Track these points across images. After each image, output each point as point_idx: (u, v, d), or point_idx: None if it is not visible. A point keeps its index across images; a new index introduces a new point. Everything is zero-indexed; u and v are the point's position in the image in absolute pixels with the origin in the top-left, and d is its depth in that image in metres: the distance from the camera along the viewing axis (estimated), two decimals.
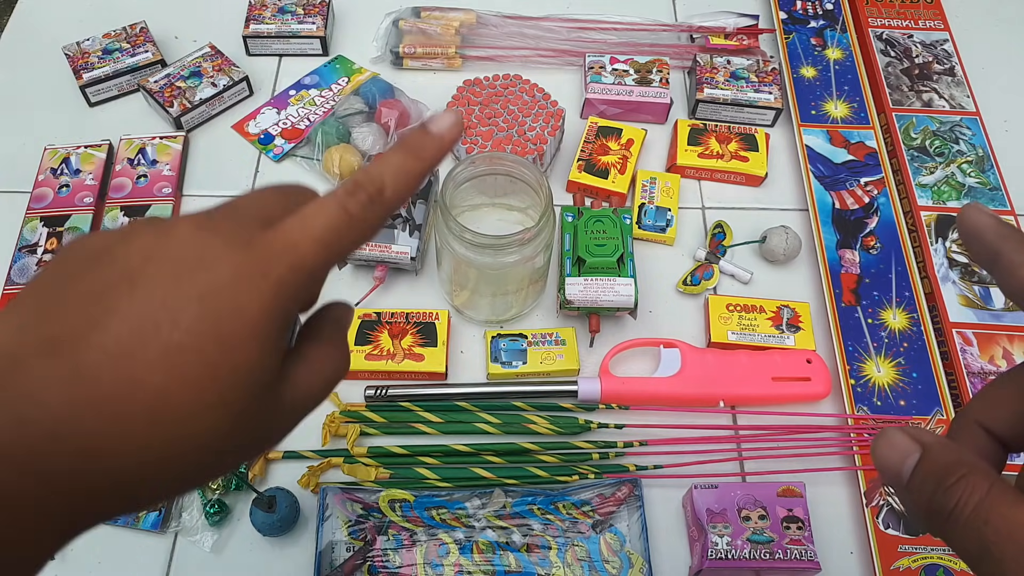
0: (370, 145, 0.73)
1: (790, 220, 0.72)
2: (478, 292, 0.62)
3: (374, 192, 0.24)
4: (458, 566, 0.53)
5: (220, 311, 0.21)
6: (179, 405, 0.20)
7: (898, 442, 0.24)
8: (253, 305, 0.22)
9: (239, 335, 0.21)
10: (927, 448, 0.23)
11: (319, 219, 0.23)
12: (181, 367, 0.20)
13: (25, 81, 0.81)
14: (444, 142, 0.27)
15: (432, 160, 0.26)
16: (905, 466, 0.23)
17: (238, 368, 0.21)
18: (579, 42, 0.84)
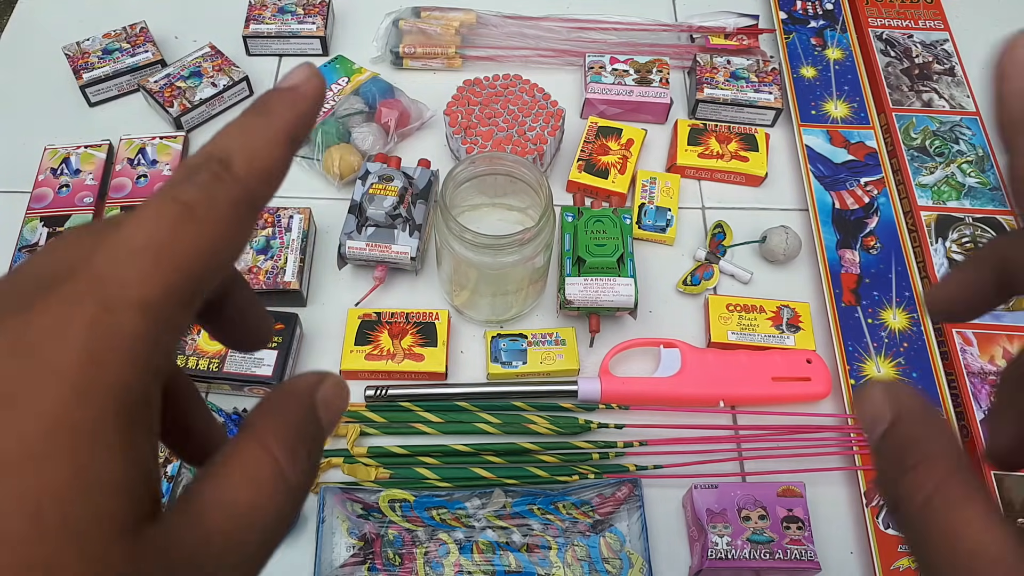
0: (370, 145, 0.73)
1: (790, 220, 0.72)
2: (478, 292, 0.62)
3: (217, 168, 0.17)
4: (458, 566, 0.53)
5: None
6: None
7: (875, 400, 0.21)
8: (38, 406, 0.14)
9: (24, 457, 0.14)
10: (897, 416, 0.21)
11: (139, 227, 0.16)
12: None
13: (25, 81, 0.81)
14: (297, 95, 0.21)
15: (285, 116, 0.20)
16: (875, 432, 0.21)
17: (32, 514, 0.13)
18: (579, 42, 0.84)
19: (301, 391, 0.20)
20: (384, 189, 0.65)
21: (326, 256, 0.70)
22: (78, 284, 0.15)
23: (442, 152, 0.77)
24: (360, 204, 0.65)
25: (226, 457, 0.18)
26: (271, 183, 0.19)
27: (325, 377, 0.20)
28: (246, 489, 0.17)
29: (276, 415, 0.19)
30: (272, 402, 0.19)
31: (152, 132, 0.76)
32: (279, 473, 0.18)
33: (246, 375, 0.59)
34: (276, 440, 0.18)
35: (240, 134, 0.19)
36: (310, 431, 0.19)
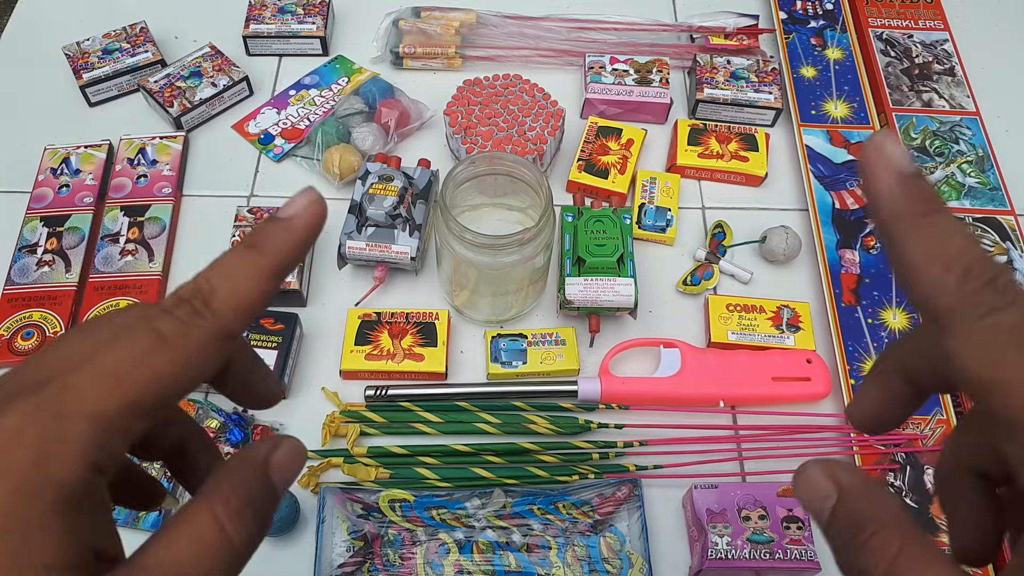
0: (370, 145, 0.73)
1: (790, 220, 0.73)
2: (478, 292, 0.62)
3: (199, 303, 0.20)
4: (458, 566, 0.53)
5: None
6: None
7: (815, 481, 0.22)
8: (1, 481, 0.17)
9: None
10: (843, 492, 0.21)
11: (117, 350, 0.19)
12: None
13: (25, 81, 0.81)
14: (293, 227, 0.22)
15: (278, 252, 0.21)
16: (823, 509, 0.21)
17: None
18: (579, 42, 0.84)
19: (256, 457, 0.22)
20: (384, 189, 0.65)
21: (326, 256, 0.70)
22: (45, 394, 0.18)
23: (442, 152, 0.77)
24: (360, 204, 0.65)
25: (177, 519, 0.20)
26: (251, 315, 0.21)
27: (281, 442, 0.23)
28: (191, 549, 0.19)
29: (228, 481, 0.21)
30: (228, 468, 0.22)
31: (152, 132, 0.76)
32: (223, 536, 0.20)
33: None
34: (224, 505, 0.20)
35: (229, 271, 0.21)
36: (260, 495, 0.21)
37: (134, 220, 0.70)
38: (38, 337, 0.63)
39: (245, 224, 0.67)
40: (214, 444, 0.26)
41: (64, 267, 0.67)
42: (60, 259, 0.67)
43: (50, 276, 0.66)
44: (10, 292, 0.65)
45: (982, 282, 0.19)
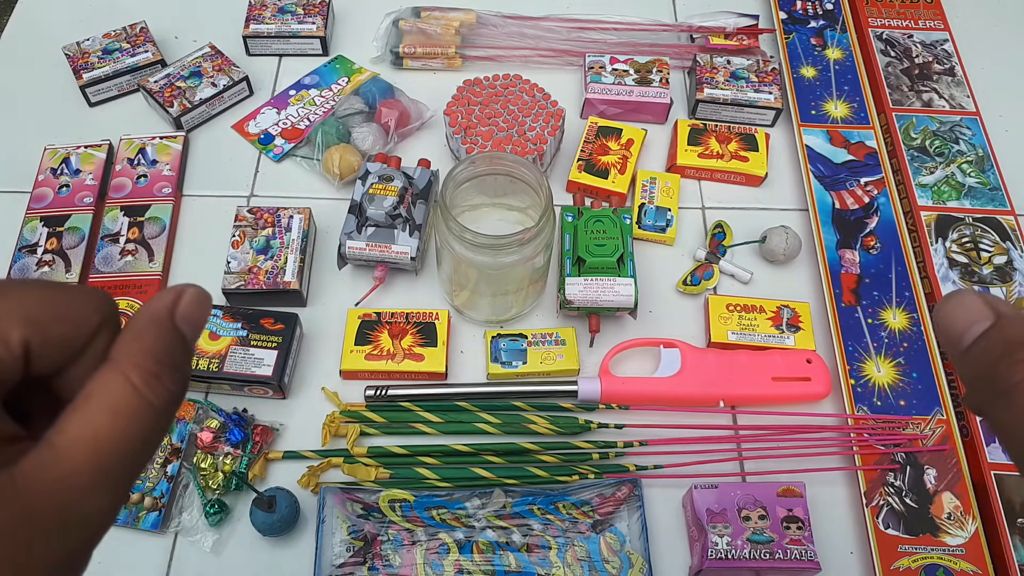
0: (370, 145, 0.73)
1: (790, 220, 0.72)
2: (478, 292, 0.62)
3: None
4: (458, 566, 0.53)
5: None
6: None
7: (971, 305, 0.22)
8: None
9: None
10: (1001, 317, 0.22)
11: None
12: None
13: (25, 81, 0.81)
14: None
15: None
16: (972, 331, 0.22)
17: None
18: (579, 42, 0.84)
19: (160, 313, 0.21)
20: (384, 189, 0.65)
21: (326, 256, 0.70)
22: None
23: (442, 152, 0.77)
24: (360, 204, 0.65)
25: (87, 391, 0.19)
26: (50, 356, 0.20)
27: (183, 291, 0.21)
28: (108, 419, 0.18)
29: (136, 343, 0.20)
30: (132, 330, 0.20)
31: (152, 132, 0.76)
32: (140, 398, 0.19)
33: (246, 375, 0.59)
34: (137, 368, 0.19)
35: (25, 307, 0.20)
36: (173, 351, 0.20)
37: (134, 220, 0.70)
38: None
39: (245, 224, 0.67)
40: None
41: (64, 267, 0.67)
42: (60, 259, 0.67)
43: (50, 276, 0.66)
44: None
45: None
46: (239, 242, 0.66)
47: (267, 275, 0.65)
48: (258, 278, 0.65)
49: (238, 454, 0.58)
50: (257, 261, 0.65)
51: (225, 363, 0.60)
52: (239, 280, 0.64)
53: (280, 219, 0.68)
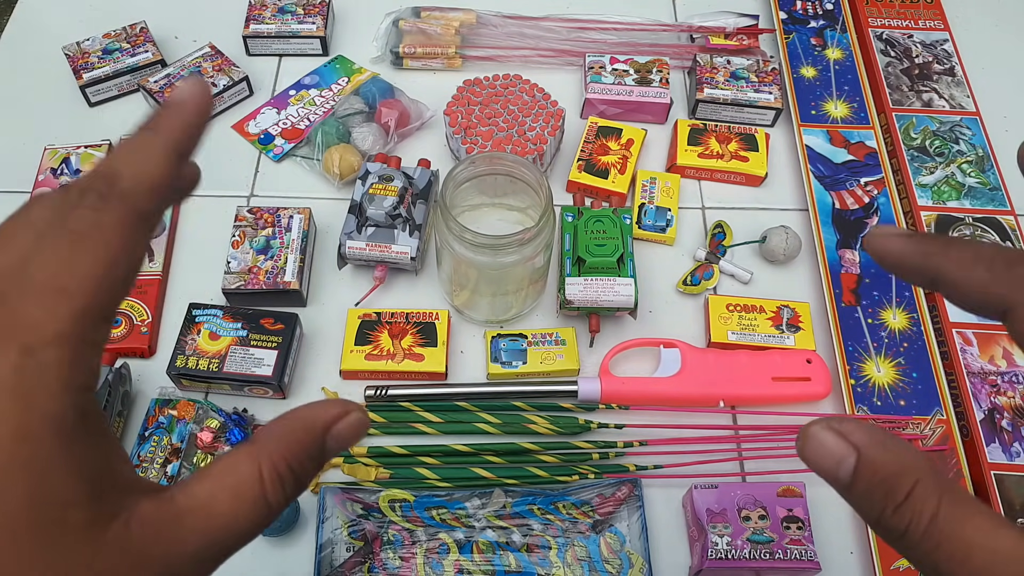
0: (370, 145, 0.73)
1: (790, 220, 0.72)
2: (478, 292, 0.62)
3: (104, 187, 0.19)
4: (458, 566, 0.53)
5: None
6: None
7: (827, 444, 0.20)
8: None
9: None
10: (862, 452, 0.20)
11: (41, 265, 0.18)
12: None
13: (25, 81, 0.81)
14: (184, 108, 0.21)
15: (172, 130, 0.21)
16: (842, 470, 0.20)
17: (4, 532, 0.16)
18: (579, 42, 0.84)
19: (318, 423, 0.21)
20: (384, 189, 0.65)
21: (326, 256, 0.70)
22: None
23: (442, 152, 0.77)
24: (360, 204, 0.65)
25: (223, 464, 0.20)
26: (158, 195, 0.20)
27: (348, 413, 0.22)
28: (228, 499, 0.19)
29: (282, 440, 0.21)
30: (285, 425, 0.21)
31: None
32: (262, 494, 0.20)
33: (246, 375, 0.59)
34: (270, 465, 0.20)
35: (129, 153, 0.20)
36: (309, 460, 0.21)
37: None
38: None
39: (245, 224, 0.67)
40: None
41: None
42: None
43: None
44: None
45: (1015, 263, 0.22)
46: (239, 242, 0.66)
47: (267, 275, 0.65)
48: (258, 278, 0.65)
49: None
50: (257, 261, 0.65)
51: (225, 363, 0.60)
52: (239, 280, 0.64)
53: (280, 219, 0.68)
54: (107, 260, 0.18)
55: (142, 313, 0.64)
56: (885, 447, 0.20)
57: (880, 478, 0.20)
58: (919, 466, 0.20)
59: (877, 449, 0.20)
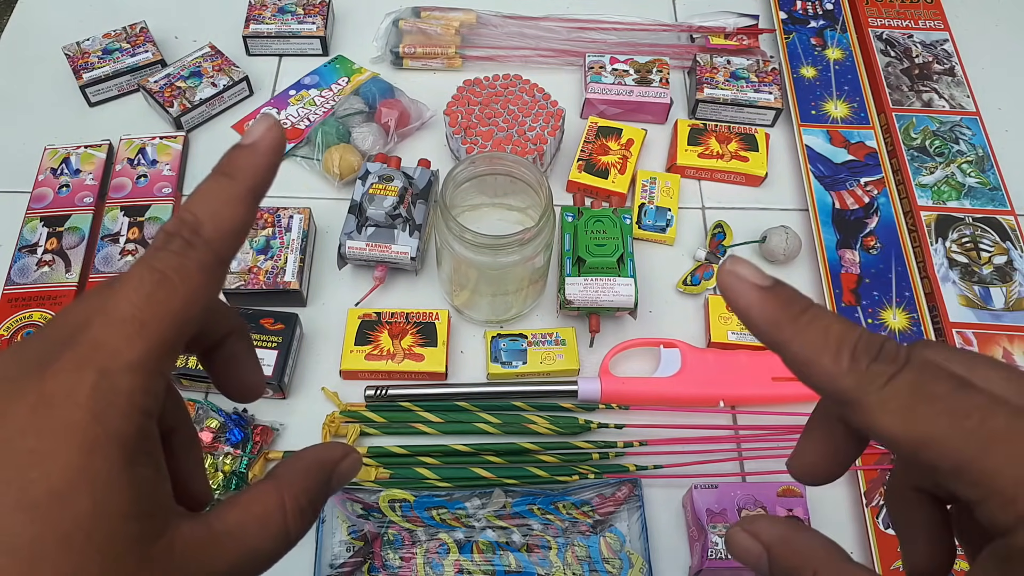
0: (370, 145, 0.73)
1: (790, 220, 0.72)
2: (478, 292, 0.62)
3: (188, 234, 0.21)
4: (458, 566, 0.53)
5: (18, 478, 0.18)
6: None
7: (743, 544, 0.23)
8: (61, 454, 0.18)
9: (53, 495, 0.18)
10: (769, 549, 0.23)
11: (127, 297, 0.20)
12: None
13: (25, 81, 0.81)
14: (259, 152, 0.22)
15: (249, 176, 0.22)
16: (762, 566, 0.23)
17: (63, 539, 0.18)
18: (579, 42, 0.84)
19: (325, 462, 0.24)
20: (384, 189, 0.65)
21: (326, 256, 0.70)
22: (80, 351, 0.19)
23: (442, 152, 0.77)
24: (360, 204, 0.65)
25: (251, 496, 0.22)
26: (237, 240, 0.22)
27: (348, 453, 0.25)
28: (257, 529, 0.22)
29: (299, 478, 0.23)
30: (300, 463, 0.24)
31: (152, 132, 0.76)
32: (284, 524, 0.22)
33: None
34: (293, 499, 0.22)
35: (208, 198, 0.21)
36: (321, 495, 0.24)
37: (134, 220, 0.70)
38: None
39: None
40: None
41: (64, 267, 0.67)
42: (60, 259, 0.67)
43: (50, 276, 0.66)
44: (10, 292, 0.65)
45: (870, 356, 0.20)
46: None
47: (267, 275, 0.65)
48: (258, 278, 0.65)
49: (238, 454, 0.58)
50: (257, 261, 0.65)
51: None
52: (239, 280, 0.64)
53: (280, 219, 0.68)
54: (184, 300, 0.20)
55: None
56: (786, 543, 0.23)
57: (783, 573, 0.22)
58: (815, 559, 0.22)
59: (779, 546, 0.23)
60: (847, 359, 0.20)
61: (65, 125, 0.78)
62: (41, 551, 0.17)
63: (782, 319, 0.21)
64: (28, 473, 0.18)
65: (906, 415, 0.19)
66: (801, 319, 0.21)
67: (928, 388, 0.19)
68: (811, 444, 0.24)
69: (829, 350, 0.20)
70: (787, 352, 0.21)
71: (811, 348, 0.21)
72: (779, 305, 0.22)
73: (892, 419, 0.19)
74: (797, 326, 0.21)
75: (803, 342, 0.21)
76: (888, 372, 0.20)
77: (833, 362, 0.20)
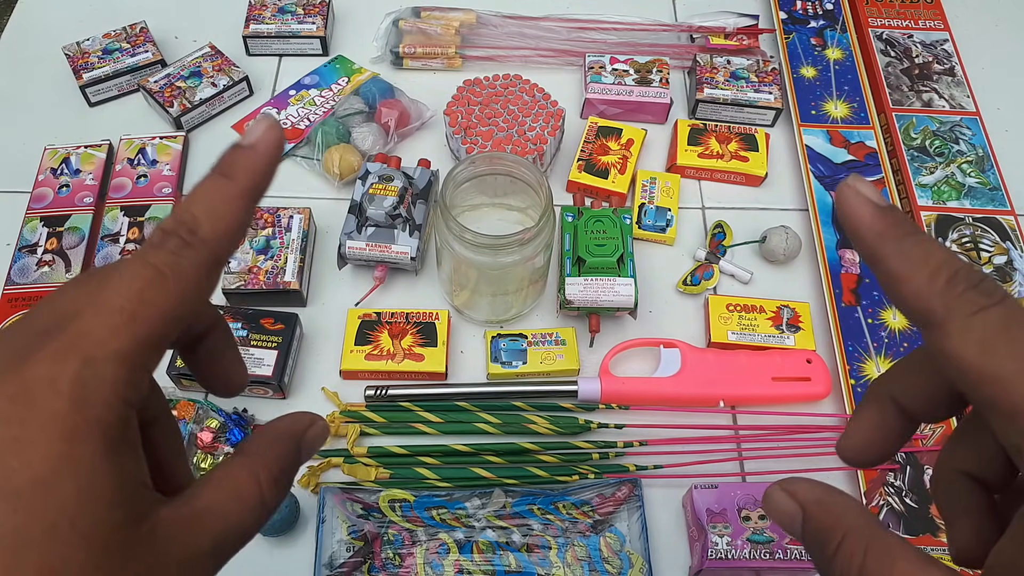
0: (370, 145, 0.73)
1: (790, 220, 0.72)
2: (478, 292, 0.62)
3: (186, 234, 0.21)
4: (458, 566, 0.53)
5: (0, 455, 0.18)
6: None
7: (781, 503, 0.23)
8: (41, 442, 0.18)
9: (36, 483, 0.18)
10: (805, 509, 0.23)
11: (119, 289, 0.20)
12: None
13: (25, 81, 0.81)
14: (258, 153, 0.22)
15: (248, 176, 0.22)
16: (795, 527, 0.23)
17: (49, 527, 0.18)
18: (579, 42, 0.84)
19: (292, 432, 0.25)
20: (384, 189, 0.65)
21: (326, 256, 0.70)
22: (65, 339, 0.19)
23: (442, 152, 0.77)
24: (360, 204, 0.65)
25: (223, 472, 0.22)
26: (234, 241, 0.22)
27: (314, 421, 0.25)
28: (234, 503, 0.22)
29: (268, 449, 0.24)
30: (267, 436, 0.24)
31: (152, 132, 0.76)
32: (260, 496, 0.22)
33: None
34: (265, 470, 0.23)
35: (206, 198, 0.22)
36: (292, 466, 0.24)
37: (134, 220, 0.70)
38: None
39: None
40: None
41: (64, 267, 0.67)
42: (60, 259, 0.67)
43: (50, 276, 0.66)
44: (10, 292, 0.65)
45: (968, 284, 0.20)
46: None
47: (267, 275, 0.65)
48: (258, 278, 0.65)
49: None
50: (257, 261, 0.65)
51: None
52: (239, 280, 0.64)
53: (280, 219, 0.68)
54: (176, 298, 0.20)
55: None
56: (821, 505, 0.23)
57: (816, 533, 0.22)
58: (847, 521, 0.22)
59: (814, 507, 0.23)
60: (943, 280, 0.20)
61: (65, 125, 0.78)
62: (26, 539, 0.18)
63: (889, 233, 0.21)
64: (9, 461, 0.18)
65: (984, 347, 0.19)
66: (907, 239, 0.21)
67: (1014, 329, 0.19)
68: (863, 423, 0.24)
69: (928, 269, 0.21)
70: (885, 265, 0.21)
71: (910, 264, 0.21)
72: (890, 222, 0.22)
73: (970, 347, 0.20)
74: (902, 243, 0.21)
75: (904, 258, 0.21)
76: (981, 303, 0.20)
77: (928, 281, 0.20)
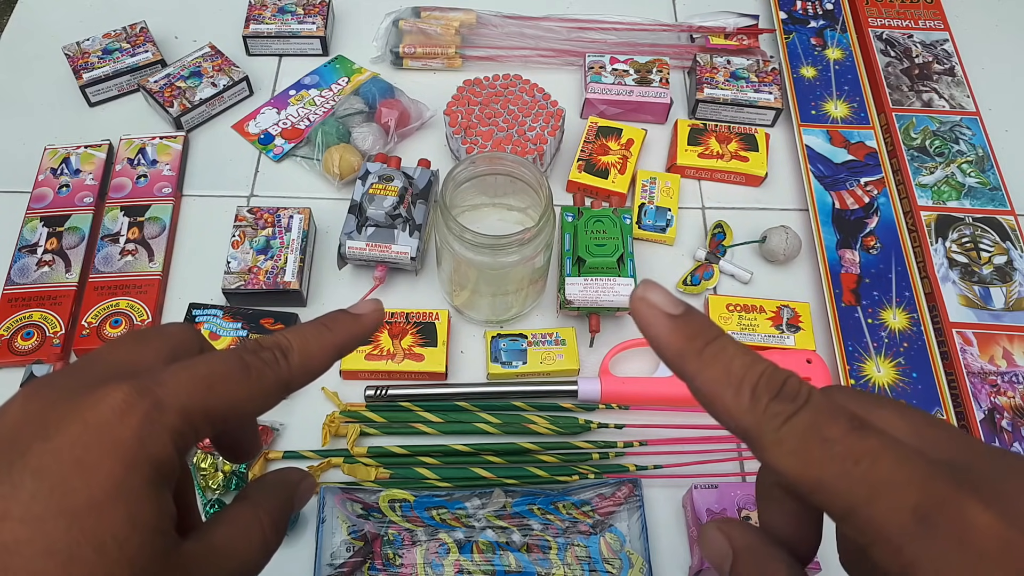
0: (370, 145, 0.73)
1: (790, 220, 0.72)
2: (478, 292, 0.62)
3: (279, 352, 0.24)
4: (458, 566, 0.53)
5: (61, 484, 0.20)
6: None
7: (714, 543, 0.24)
8: (104, 466, 0.20)
9: (92, 504, 0.19)
10: (735, 552, 0.23)
11: (210, 364, 0.23)
12: (23, 561, 0.19)
13: (25, 81, 0.81)
14: (361, 321, 0.27)
15: (345, 335, 0.26)
16: (724, 568, 0.24)
17: (99, 546, 0.19)
18: (579, 42, 0.84)
19: (290, 483, 0.27)
20: (384, 189, 0.65)
21: (326, 256, 0.70)
22: (142, 383, 0.21)
23: (442, 152, 0.77)
24: (360, 204, 0.65)
25: (232, 516, 0.25)
26: (309, 377, 0.25)
27: (305, 476, 0.28)
28: (243, 544, 0.24)
29: (272, 497, 0.26)
30: (270, 484, 0.27)
31: (152, 132, 0.76)
32: (263, 539, 0.25)
33: None
34: (269, 516, 0.25)
35: (304, 336, 0.25)
36: (286, 511, 0.27)
37: (134, 220, 0.70)
38: (38, 337, 0.63)
39: (245, 224, 0.67)
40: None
41: (64, 267, 0.67)
42: (60, 259, 0.67)
43: (50, 276, 0.66)
44: (10, 292, 0.65)
45: (770, 395, 0.20)
46: (239, 242, 0.66)
47: (267, 275, 0.65)
48: (258, 278, 0.65)
49: None
50: (257, 261, 0.65)
51: None
52: (239, 280, 0.64)
53: (280, 219, 0.68)
54: (247, 395, 0.23)
55: (142, 313, 0.65)
56: (751, 551, 0.24)
57: (748, 572, 0.23)
58: (773, 563, 0.23)
59: (744, 553, 0.24)
60: (747, 396, 0.20)
61: (65, 125, 0.78)
62: (77, 555, 0.19)
63: (688, 351, 0.21)
64: (72, 481, 0.20)
65: (800, 457, 0.19)
66: (706, 352, 0.21)
67: (823, 430, 0.19)
68: (778, 519, 0.25)
69: (731, 386, 0.20)
70: (692, 386, 0.21)
71: (714, 383, 0.21)
72: (686, 336, 0.21)
73: (788, 460, 0.20)
74: (702, 360, 0.21)
75: (707, 377, 0.21)
76: (786, 412, 0.20)
77: (734, 399, 0.20)
